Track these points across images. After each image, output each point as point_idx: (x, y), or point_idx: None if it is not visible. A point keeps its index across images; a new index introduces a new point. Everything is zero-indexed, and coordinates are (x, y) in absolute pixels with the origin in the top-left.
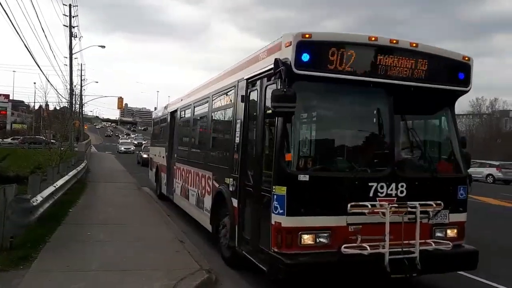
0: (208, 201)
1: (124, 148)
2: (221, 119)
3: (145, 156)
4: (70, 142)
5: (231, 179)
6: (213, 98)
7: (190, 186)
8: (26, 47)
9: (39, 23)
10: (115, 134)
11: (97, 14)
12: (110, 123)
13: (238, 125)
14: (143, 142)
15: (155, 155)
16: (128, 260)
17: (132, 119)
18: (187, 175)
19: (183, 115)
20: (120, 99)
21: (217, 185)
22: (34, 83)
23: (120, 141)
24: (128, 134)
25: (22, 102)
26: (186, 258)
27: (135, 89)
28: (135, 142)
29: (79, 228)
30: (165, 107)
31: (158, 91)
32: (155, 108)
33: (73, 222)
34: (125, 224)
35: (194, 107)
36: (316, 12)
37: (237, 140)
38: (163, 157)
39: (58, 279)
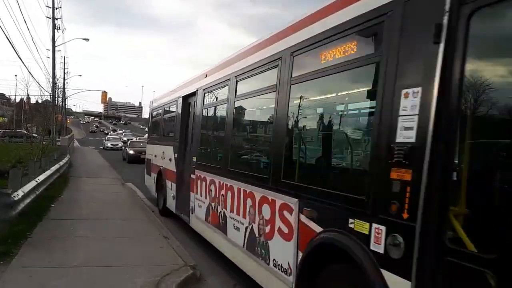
0: (285, 252)
1: (111, 145)
2: (318, 95)
3: (131, 152)
4: (52, 136)
5: (382, 227)
6: (293, 59)
7: (231, 211)
8: (7, 38)
9: (21, 14)
10: (100, 129)
11: (82, 6)
12: (93, 117)
13: (404, 103)
14: (133, 139)
15: (155, 156)
16: (111, 256)
17: (112, 113)
18: (224, 192)
19: (210, 98)
20: (104, 93)
21: (317, 228)
22: (16, 75)
23: (107, 136)
24: (115, 130)
25: (3, 95)
26: (171, 254)
27: (120, 83)
28: (124, 138)
29: (61, 224)
30: (152, 102)
31: (143, 86)
32: (140, 103)
33: (55, 217)
34: (108, 219)
35: (237, 83)
36: (298, 11)
37: (400, 137)
38: (170, 159)
39: (39, 275)
